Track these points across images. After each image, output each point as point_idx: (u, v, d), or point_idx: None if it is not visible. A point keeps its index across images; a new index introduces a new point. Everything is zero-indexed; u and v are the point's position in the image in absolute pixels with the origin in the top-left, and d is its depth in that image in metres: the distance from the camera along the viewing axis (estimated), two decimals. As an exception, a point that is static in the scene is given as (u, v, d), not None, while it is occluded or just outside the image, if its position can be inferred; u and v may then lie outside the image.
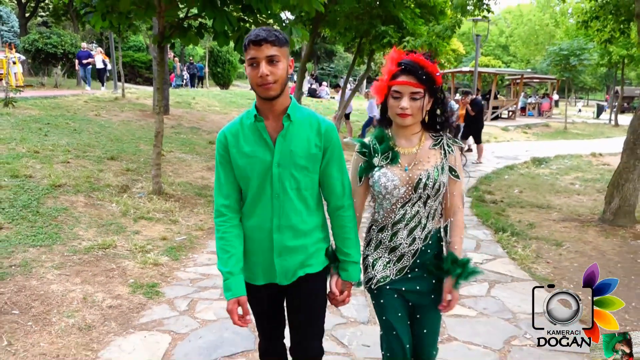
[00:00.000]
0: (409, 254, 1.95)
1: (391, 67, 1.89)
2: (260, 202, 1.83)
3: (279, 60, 1.72)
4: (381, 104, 1.97)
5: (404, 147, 1.94)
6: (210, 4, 5.60)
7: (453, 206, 1.97)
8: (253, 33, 1.73)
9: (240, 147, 1.82)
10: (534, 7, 38.79)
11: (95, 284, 3.79)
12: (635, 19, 6.08)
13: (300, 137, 1.81)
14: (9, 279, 3.61)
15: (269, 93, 1.73)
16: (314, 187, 1.88)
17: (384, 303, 1.98)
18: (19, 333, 3.01)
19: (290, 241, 1.84)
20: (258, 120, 1.81)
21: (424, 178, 1.88)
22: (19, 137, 7.79)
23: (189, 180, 7.70)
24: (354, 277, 1.94)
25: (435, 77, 1.89)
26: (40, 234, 4.55)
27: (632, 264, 4.81)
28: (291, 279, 1.89)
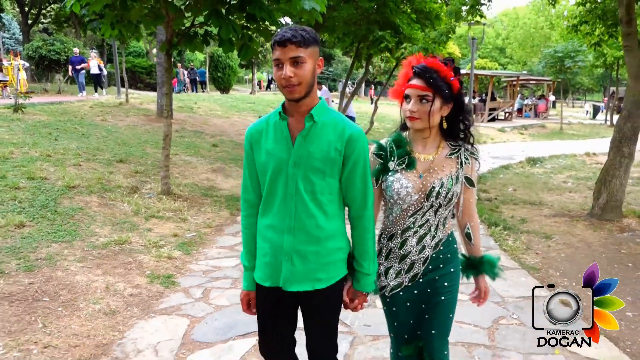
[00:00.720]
0: (419, 261, 1.94)
1: (407, 71, 1.91)
2: (275, 201, 1.82)
3: (303, 61, 1.70)
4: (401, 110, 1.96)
5: (420, 154, 1.93)
6: (216, 13, 5.91)
7: (470, 212, 2.01)
8: (279, 33, 1.72)
9: (263, 144, 1.83)
10: (529, 9, 39.20)
11: (115, 275, 4.10)
12: (620, 24, 6.40)
13: (321, 139, 1.77)
14: (36, 271, 3.92)
15: (293, 95, 1.72)
16: (332, 192, 1.82)
17: (396, 311, 1.99)
18: (51, 317, 3.31)
19: (302, 245, 1.80)
20: (282, 119, 1.81)
21: (437, 187, 1.88)
22: (31, 141, 8.10)
23: (195, 181, 8.01)
24: (365, 288, 1.91)
25: (450, 82, 1.87)
26: (60, 231, 4.85)
27: (616, 254, 5.12)
28: (295, 287, 1.83)
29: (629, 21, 6.19)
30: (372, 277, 1.90)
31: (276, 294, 1.86)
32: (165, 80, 6.82)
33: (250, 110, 18.58)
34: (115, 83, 26.82)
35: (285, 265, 1.81)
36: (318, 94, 1.85)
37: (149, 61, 30.97)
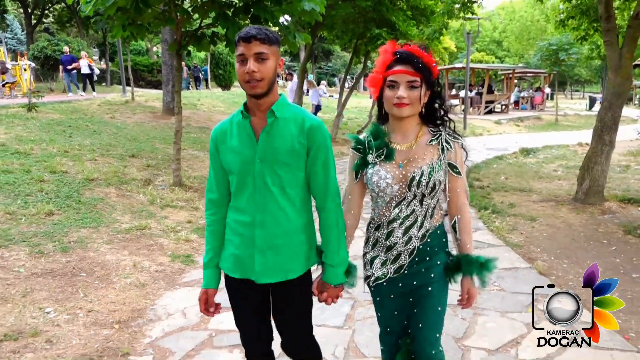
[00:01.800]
0: (405, 252, 1.91)
1: (386, 58, 1.86)
2: (244, 197, 1.85)
3: (267, 58, 1.73)
4: (377, 99, 1.94)
5: (399, 143, 1.90)
6: (223, 16, 6.37)
7: (458, 203, 1.92)
8: (244, 30, 1.76)
9: (228, 144, 1.86)
10: (525, 3, 39.55)
11: (140, 255, 4.57)
12: (600, 20, 6.85)
13: (284, 134, 1.81)
14: (71, 252, 4.39)
15: (255, 90, 1.75)
16: (299, 185, 1.86)
17: (379, 301, 1.98)
18: (90, 289, 3.79)
19: (274, 238, 1.83)
20: (245, 117, 1.84)
21: (418, 176, 1.84)
22: (47, 138, 8.56)
23: (203, 174, 8.47)
24: (331, 280, 1.91)
25: (432, 68, 1.86)
26: (85, 218, 5.32)
27: (593, 233, 5.60)
28: (268, 279, 1.86)
29: (608, 18, 6.64)
30: (337, 269, 1.90)
31: (247, 286, 1.89)
32: (175, 79, 7.26)
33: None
34: (119, 82, 27.37)
35: (257, 259, 1.84)
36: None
37: (149, 59, 31.41)
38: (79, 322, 3.27)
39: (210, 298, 1.98)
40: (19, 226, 4.78)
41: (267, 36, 1.73)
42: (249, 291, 1.91)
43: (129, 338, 3.14)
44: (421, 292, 1.91)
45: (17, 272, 3.87)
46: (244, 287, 1.90)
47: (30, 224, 4.88)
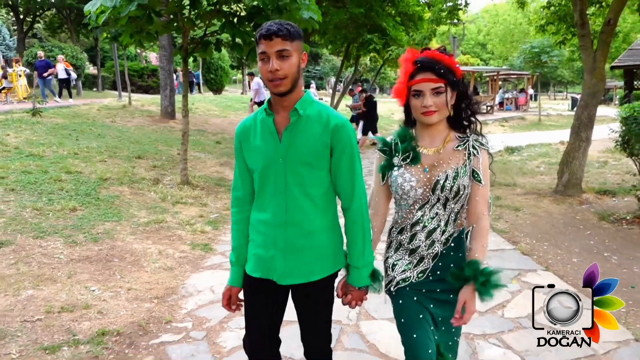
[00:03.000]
0: (428, 256, 1.89)
1: (407, 67, 1.85)
2: (267, 196, 1.83)
3: (289, 55, 1.70)
4: (404, 106, 1.94)
5: (427, 147, 1.89)
6: (229, 24, 6.85)
7: (476, 212, 1.86)
8: (264, 27, 1.71)
9: (252, 141, 1.84)
10: (509, 6, 40.54)
11: (163, 244, 5.03)
12: (575, 26, 7.44)
13: (307, 133, 1.78)
14: (101, 241, 4.83)
15: (279, 89, 1.73)
16: (322, 185, 1.82)
17: (402, 304, 1.91)
18: (124, 272, 4.24)
19: (296, 239, 1.81)
20: (268, 115, 1.82)
21: (442, 180, 1.82)
22: (56, 142, 8.94)
23: (206, 174, 8.92)
24: (355, 282, 1.88)
25: (455, 70, 1.85)
26: (107, 213, 5.75)
27: (571, 220, 6.17)
28: (289, 280, 1.84)
29: (582, 24, 7.23)
30: (362, 271, 1.87)
31: (267, 286, 1.87)
32: (183, 84, 7.71)
33: (244, 110, 19.44)
34: (110, 87, 27.62)
35: (279, 260, 1.82)
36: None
37: (139, 64, 31.68)
38: (122, 298, 3.73)
39: (234, 295, 1.97)
40: (48, 220, 5.21)
41: (288, 32, 1.69)
42: (267, 291, 1.88)
43: (168, 309, 3.61)
44: (446, 301, 1.88)
45: (58, 258, 4.31)
46: (263, 287, 1.87)
47: (57, 219, 5.30)
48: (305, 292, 1.87)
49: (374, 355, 2.95)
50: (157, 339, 3.19)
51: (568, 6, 8.89)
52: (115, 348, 3.04)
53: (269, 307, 1.92)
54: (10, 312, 3.36)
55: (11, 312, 3.36)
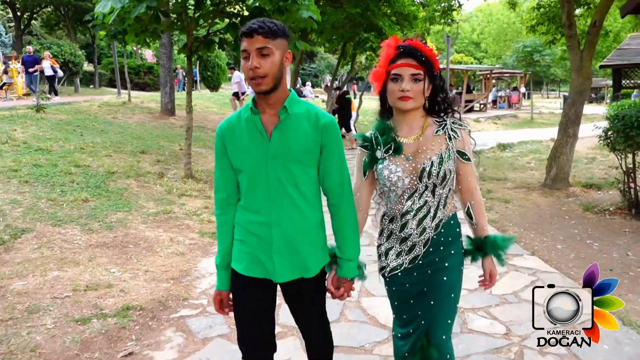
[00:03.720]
0: (420, 243, 1.93)
1: (389, 52, 1.87)
2: (258, 196, 1.81)
3: (270, 53, 1.68)
4: (380, 93, 1.96)
5: (406, 136, 1.91)
6: (233, 25, 7.14)
7: (470, 189, 1.94)
8: (247, 24, 1.70)
9: (236, 141, 1.81)
10: (502, 5, 41.00)
11: (173, 232, 5.33)
12: (563, 27, 7.79)
13: (297, 131, 1.78)
14: (115, 229, 5.13)
15: (260, 87, 1.71)
16: (313, 182, 1.84)
17: (395, 290, 1.99)
18: (140, 256, 4.54)
19: (292, 237, 1.81)
20: (254, 113, 1.79)
21: (428, 167, 1.85)
22: (62, 137, 9.21)
23: (208, 168, 9.21)
24: (348, 274, 1.91)
25: (434, 62, 1.88)
26: (117, 204, 6.04)
27: (558, 211, 6.52)
28: (288, 277, 1.85)
29: (570, 25, 7.59)
30: (353, 262, 1.91)
31: (262, 285, 1.86)
32: (187, 81, 7.99)
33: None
34: (107, 84, 27.78)
35: (277, 259, 1.81)
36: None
37: (136, 62, 31.85)
38: (140, 279, 4.03)
39: (225, 299, 1.96)
40: (63, 210, 5.49)
41: (270, 29, 1.68)
42: (260, 290, 1.88)
43: (184, 289, 3.92)
44: (436, 281, 1.92)
45: (77, 244, 4.61)
46: (257, 286, 1.87)
47: (72, 209, 5.59)
48: (300, 288, 1.89)
49: (374, 326, 3.28)
50: (176, 314, 3.50)
51: (557, 7, 9.24)
52: (140, 320, 3.35)
53: (260, 306, 1.90)
54: (40, 290, 3.66)
55: (41, 290, 3.66)
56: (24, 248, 4.38)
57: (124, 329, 3.21)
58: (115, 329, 3.19)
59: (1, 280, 3.73)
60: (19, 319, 3.23)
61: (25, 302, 3.45)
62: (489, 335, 3.10)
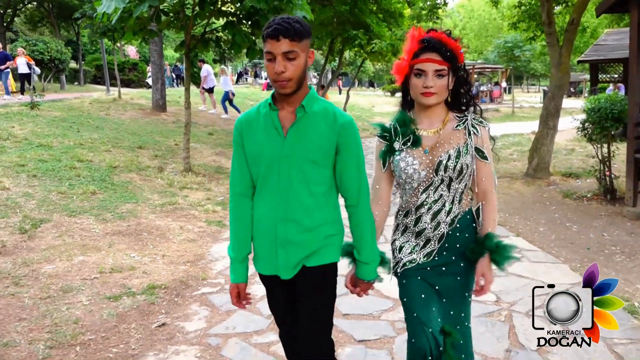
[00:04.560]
0: (434, 238, 1.89)
1: (413, 45, 1.83)
2: (268, 192, 1.82)
3: (296, 56, 1.68)
4: (402, 84, 1.93)
5: (426, 129, 1.89)
6: (230, 24, 7.43)
7: (484, 190, 1.88)
8: (272, 25, 1.66)
9: (253, 136, 1.82)
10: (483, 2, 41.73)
11: (182, 221, 5.63)
12: (543, 25, 8.24)
13: (313, 130, 1.77)
14: (127, 219, 5.42)
15: (285, 90, 1.72)
16: (326, 182, 1.83)
17: (406, 283, 1.93)
18: (155, 242, 4.84)
19: (293, 235, 1.80)
20: (272, 110, 1.80)
21: (445, 160, 1.82)
22: (60, 133, 9.39)
23: (204, 162, 9.51)
24: (365, 277, 1.89)
25: (459, 55, 1.85)
26: (124, 196, 6.32)
27: (539, 198, 6.98)
28: (292, 273, 1.85)
29: (549, 23, 8.03)
30: (371, 265, 1.88)
31: (276, 282, 1.89)
32: (185, 79, 8.26)
33: (229, 103, 19.95)
34: (92, 81, 27.70)
35: (280, 254, 1.82)
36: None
37: (120, 58, 31.78)
38: (159, 262, 4.35)
39: (242, 292, 1.95)
40: (74, 202, 5.76)
41: (296, 32, 1.65)
42: (277, 286, 1.91)
43: (201, 270, 4.24)
44: (450, 282, 1.90)
45: (95, 232, 4.90)
46: (272, 283, 1.92)
47: (82, 201, 5.86)
48: (303, 279, 1.86)
49: (380, 297, 3.65)
50: (198, 291, 3.83)
51: (537, 5, 9.70)
52: (166, 297, 3.67)
53: (282, 299, 1.94)
54: (69, 272, 3.95)
55: (70, 272, 3.95)
56: (46, 236, 4.65)
57: (153, 304, 3.54)
58: (145, 305, 3.52)
59: (32, 265, 4.02)
60: (55, 297, 3.53)
61: (58, 283, 3.74)
62: (481, 302, 3.48)
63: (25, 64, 16.48)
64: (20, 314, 3.26)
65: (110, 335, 3.08)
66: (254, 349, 2.92)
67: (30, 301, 3.43)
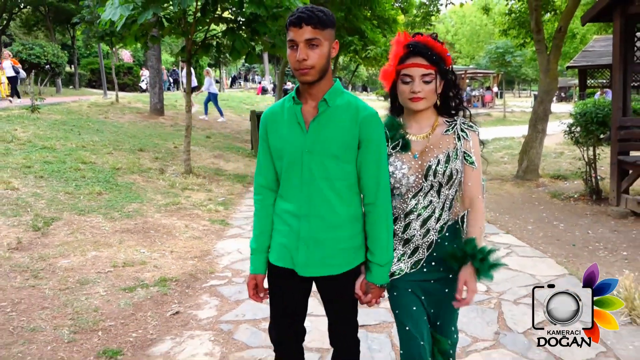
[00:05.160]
0: (423, 246, 1.86)
1: (398, 50, 1.82)
2: (291, 186, 1.81)
3: (318, 44, 1.67)
4: (390, 90, 1.91)
5: (415, 134, 1.87)
6: (231, 31, 7.69)
7: (470, 196, 1.84)
8: (295, 13, 1.67)
9: (277, 130, 1.82)
10: (475, 7, 42.28)
11: (186, 220, 5.86)
12: (532, 32, 8.57)
13: (336, 124, 1.75)
14: (134, 218, 5.64)
15: (306, 78, 1.70)
16: (349, 177, 1.79)
17: (397, 296, 1.90)
18: (163, 239, 5.07)
19: (319, 232, 1.79)
20: (296, 103, 1.80)
21: (434, 164, 1.81)
22: (62, 136, 9.58)
23: (204, 165, 9.73)
24: (377, 280, 1.83)
25: (446, 58, 1.83)
26: (129, 197, 6.53)
27: (528, 198, 7.28)
28: (310, 272, 1.82)
29: (538, 31, 8.36)
30: (385, 268, 1.82)
31: (290, 276, 1.85)
32: (187, 83, 8.50)
33: (225, 107, 20.17)
34: (87, 84, 27.83)
35: (301, 250, 1.80)
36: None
37: (115, 62, 31.94)
38: (169, 257, 4.57)
39: (260, 284, 1.95)
40: (81, 202, 5.97)
41: (319, 20, 1.65)
42: (291, 281, 1.87)
43: (209, 265, 4.47)
44: (440, 294, 1.88)
45: (105, 230, 5.11)
46: (287, 277, 1.86)
47: (89, 200, 6.06)
48: (329, 285, 1.86)
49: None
50: (207, 283, 4.06)
51: (527, 14, 10.05)
52: (178, 289, 3.90)
53: (292, 297, 1.91)
54: (83, 266, 4.17)
55: (84, 266, 4.17)
56: (59, 233, 4.87)
57: (166, 295, 3.76)
58: (159, 295, 3.74)
59: (48, 259, 4.23)
60: (73, 289, 3.75)
61: (74, 276, 3.96)
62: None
63: (11, 67, 16.12)
64: (42, 303, 3.47)
65: (128, 322, 3.31)
66: (264, 334, 3.15)
67: (50, 292, 3.65)
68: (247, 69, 54.30)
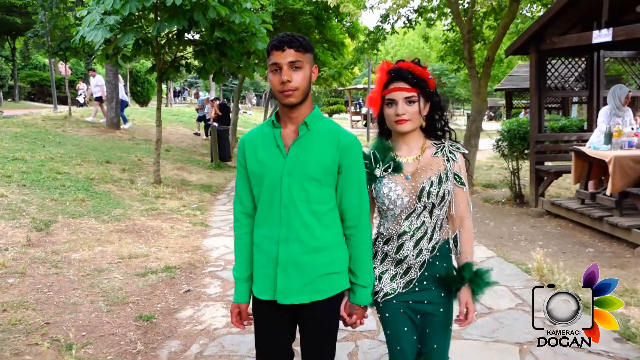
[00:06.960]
0: (416, 266, 1.90)
1: (382, 77, 1.90)
2: (270, 211, 1.80)
3: (301, 66, 1.72)
4: (378, 116, 1.97)
5: (405, 156, 1.91)
6: (201, 53, 8.43)
7: (460, 216, 1.92)
8: (277, 38, 1.72)
9: (256, 154, 1.82)
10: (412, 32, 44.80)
11: (169, 223, 6.51)
12: (464, 60, 9.90)
13: (316, 148, 1.77)
14: (123, 221, 6.23)
15: (290, 100, 1.73)
16: (328, 201, 1.81)
17: (389, 317, 1.93)
18: (155, 238, 5.72)
19: (298, 256, 1.77)
20: (275, 127, 1.82)
21: (427, 186, 1.85)
22: (28, 148, 9.85)
23: (169, 176, 10.31)
24: (361, 301, 1.87)
25: (428, 80, 1.89)
26: (110, 203, 7.08)
27: (465, 202, 8.45)
28: (291, 299, 1.79)
29: (470, 59, 9.68)
30: (368, 289, 1.87)
31: (273, 307, 1.82)
32: (157, 99, 9.11)
33: (177, 122, 20.63)
34: (26, 97, 27.18)
35: (280, 277, 1.78)
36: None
37: (57, 75, 31.33)
38: (165, 251, 5.25)
39: (244, 312, 1.95)
40: (69, 207, 6.48)
41: (300, 43, 1.72)
42: (274, 311, 1.84)
43: (202, 257, 5.20)
44: (433, 314, 1.92)
45: (101, 230, 5.70)
46: (270, 308, 1.84)
47: (75, 206, 6.59)
48: (309, 312, 1.83)
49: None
50: (206, 270, 4.79)
51: (461, 43, 11.44)
52: (183, 274, 4.61)
53: (277, 327, 1.89)
54: (94, 259, 4.79)
55: (95, 259, 4.79)
56: (61, 233, 5.42)
57: (174, 278, 4.47)
58: (168, 279, 4.44)
59: (61, 253, 4.81)
60: (92, 275, 4.38)
61: (89, 266, 4.58)
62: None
63: None
64: (71, 285, 4.10)
65: (151, 297, 4.00)
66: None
67: (75, 277, 4.27)
68: (189, 84, 54.22)
